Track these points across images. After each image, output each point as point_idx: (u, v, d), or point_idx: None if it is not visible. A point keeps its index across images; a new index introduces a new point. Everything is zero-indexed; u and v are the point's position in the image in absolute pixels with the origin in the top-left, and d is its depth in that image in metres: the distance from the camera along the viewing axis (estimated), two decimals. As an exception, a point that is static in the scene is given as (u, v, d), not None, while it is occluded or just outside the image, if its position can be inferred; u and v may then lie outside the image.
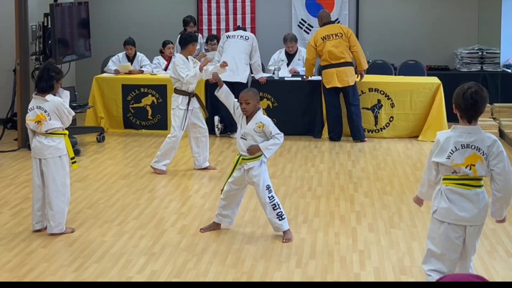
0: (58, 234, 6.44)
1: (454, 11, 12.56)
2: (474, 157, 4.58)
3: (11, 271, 5.70)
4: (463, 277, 2.87)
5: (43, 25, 10.01)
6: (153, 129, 10.86)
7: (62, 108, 6.41)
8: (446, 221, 4.66)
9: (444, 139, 4.63)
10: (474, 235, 4.70)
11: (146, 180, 8.28)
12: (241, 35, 10.52)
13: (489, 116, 10.85)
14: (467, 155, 4.59)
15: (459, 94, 4.62)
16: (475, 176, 4.62)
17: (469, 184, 4.64)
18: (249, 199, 7.52)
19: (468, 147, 4.59)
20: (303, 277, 5.60)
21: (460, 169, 4.60)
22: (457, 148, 4.59)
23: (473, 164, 4.59)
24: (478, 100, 4.58)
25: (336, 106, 10.36)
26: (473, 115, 4.62)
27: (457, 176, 4.63)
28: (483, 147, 4.59)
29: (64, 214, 6.49)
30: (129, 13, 13.06)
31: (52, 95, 6.44)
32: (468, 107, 4.59)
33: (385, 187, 8.03)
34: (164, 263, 5.84)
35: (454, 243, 4.69)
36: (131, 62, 11.28)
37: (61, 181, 6.44)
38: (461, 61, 11.98)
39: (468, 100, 4.58)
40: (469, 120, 4.63)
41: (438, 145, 4.64)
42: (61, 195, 6.44)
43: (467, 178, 4.63)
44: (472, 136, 4.61)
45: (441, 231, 4.69)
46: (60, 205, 6.44)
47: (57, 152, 6.41)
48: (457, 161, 4.59)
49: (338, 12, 12.59)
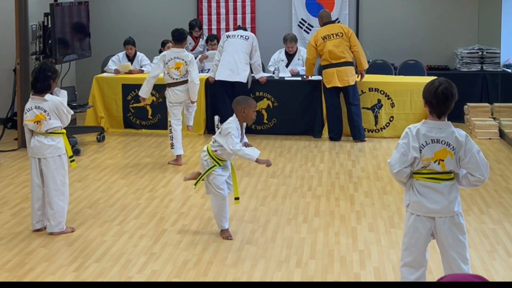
0: (58, 233, 6.45)
1: (454, 11, 12.56)
2: (444, 152, 4.62)
3: (11, 270, 5.71)
4: (463, 277, 2.87)
5: (43, 25, 10.01)
6: (153, 128, 10.86)
7: (62, 107, 6.42)
8: (417, 213, 4.72)
9: (415, 133, 4.67)
10: (446, 227, 4.69)
11: (146, 180, 8.28)
12: (241, 34, 10.52)
13: (489, 116, 10.86)
14: (437, 149, 4.63)
15: (431, 91, 4.65)
16: (443, 170, 4.66)
17: (439, 178, 4.68)
18: (249, 199, 7.52)
19: (438, 142, 4.63)
20: (303, 277, 5.60)
21: (429, 164, 4.64)
22: (427, 143, 4.64)
23: (442, 159, 4.63)
24: (449, 96, 4.63)
25: (336, 106, 10.36)
26: (444, 111, 4.67)
27: (427, 170, 4.67)
28: (453, 142, 4.62)
29: (64, 213, 6.50)
30: (129, 13, 13.06)
31: (50, 95, 6.44)
32: (439, 103, 4.63)
33: (385, 186, 8.03)
34: (164, 263, 5.84)
35: (422, 235, 4.72)
36: (131, 61, 11.28)
37: (60, 180, 6.46)
38: (461, 61, 11.98)
39: (439, 96, 4.62)
40: (439, 116, 4.68)
41: (412, 138, 4.66)
42: (60, 194, 6.46)
43: (435, 172, 4.67)
44: (442, 131, 4.65)
45: (410, 223, 4.76)
46: (60, 204, 6.45)
47: (57, 151, 6.43)
48: (427, 155, 4.63)
49: (338, 11, 12.59)
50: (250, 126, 10.76)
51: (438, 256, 4.90)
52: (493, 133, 10.48)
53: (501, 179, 8.30)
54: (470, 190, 7.85)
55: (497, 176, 8.40)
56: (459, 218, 4.73)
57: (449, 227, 4.70)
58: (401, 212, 7.12)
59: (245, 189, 7.89)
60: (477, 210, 7.18)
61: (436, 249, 4.96)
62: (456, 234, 4.71)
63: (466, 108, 11.10)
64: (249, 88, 10.58)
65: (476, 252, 6.06)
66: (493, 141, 10.27)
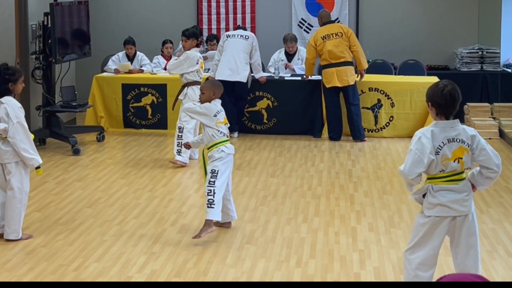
0: (13, 240, 6.24)
1: (454, 10, 12.56)
2: (461, 150, 4.66)
3: (11, 270, 5.70)
4: (463, 277, 2.87)
5: (43, 24, 10.00)
6: (153, 128, 10.85)
7: (14, 114, 6.12)
8: (440, 215, 4.71)
9: (430, 135, 4.65)
10: (463, 226, 4.74)
11: (146, 180, 8.28)
12: (241, 34, 10.52)
13: (489, 116, 10.86)
14: (454, 148, 4.65)
15: (437, 93, 4.67)
16: (461, 170, 4.69)
17: (455, 179, 4.72)
18: (249, 199, 7.52)
19: (454, 140, 4.66)
20: (303, 277, 5.60)
21: (448, 165, 4.65)
22: (444, 143, 4.65)
23: (461, 157, 4.66)
24: (456, 97, 4.68)
25: (336, 106, 10.35)
26: (452, 111, 4.70)
27: (444, 174, 4.69)
28: (466, 139, 4.67)
29: (20, 221, 6.27)
30: (129, 12, 13.05)
31: (10, 98, 6.21)
32: (448, 104, 4.66)
33: (385, 186, 8.03)
34: (164, 263, 5.84)
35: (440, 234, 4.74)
36: (131, 61, 11.28)
37: (18, 187, 6.21)
38: (461, 60, 11.98)
39: (447, 97, 4.65)
40: (447, 117, 4.70)
41: (428, 141, 4.63)
42: (17, 202, 6.23)
43: (452, 174, 4.69)
44: (455, 130, 4.69)
45: (429, 225, 4.73)
46: (16, 211, 6.23)
47: (14, 158, 6.19)
48: (446, 155, 4.64)
49: (338, 11, 12.59)
50: (250, 126, 10.77)
51: (439, 256, 4.90)
52: (493, 133, 10.47)
53: (501, 179, 8.29)
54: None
55: (497, 176, 8.39)
56: (474, 216, 4.81)
57: (467, 224, 4.76)
58: (401, 212, 7.12)
59: (245, 188, 7.89)
60: (477, 210, 7.14)
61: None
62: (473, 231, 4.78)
63: (466, 108, 11.10)
64: (249, 88, 10.59)
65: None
66: (493, 141, 10.26)
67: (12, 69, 6.36)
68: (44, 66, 9.99)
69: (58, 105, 10.04)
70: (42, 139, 10.01)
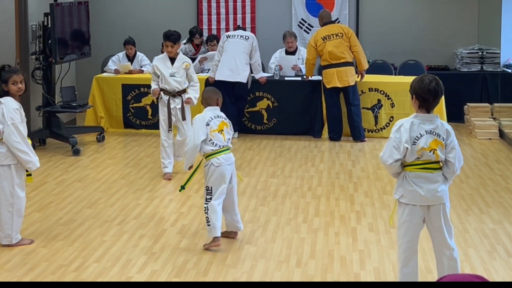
0: (8, 245, 6.18)
1: (454, 11, 12.56)
2: (435, 142, 4.87)
3: (11, 270, 5.71)
4: (463, 277, 2.87)
5: (43, 25, 10.01)
6: (153, 128, 10.83)
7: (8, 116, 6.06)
8: (412, 203, 4.91)
9: (409, 126, 4.88)
10: (438, 215, 4.91)
11: (146, 180, 8.28)
12: (241, 34, 10.51)
13: (489, 116, 10.86)
14: (431, 140, 4.87)
15: (423, 87, 4.88)
16: (436, 159, 4.89)
17: (431, 168, 4.90)
18: (249, 199, 7.52)
19: (431, 133, 4.88)
20: (303, 277, 5.60)
21: (424, 154, 4.86)
22: (422, 134, 4.87)
23: (435, 149, 4.87)
24: (439, 92, 4.91)
25: (336, 106, 10.35)
26: (434, 105, 4.95)
27: (420, 161, 4.89)
28: (442, 133, 4.89)
29: (13, 226, 6.15)
30: (129, 13, 13.06)
31: (10, 99, 6.13)
32: (432, 98, 4.89)
33: (385, 186, 8.03)
34: (164, 263, 5.84)
35: (416, 224, 4.93)
36: (131, 61, 11.28)
37: (10, 190, 6.11)
38: (461, 61, 11.98)
39: (432, 91, 4.88)
40: (429, 110, 4.93)
41: (405, 131, 4.85)
42: (9, 206, 6.13)
43: (429, 162, 4.89)
44: (433, 123, 4.91)
45: (405, 214, 4.94)
46: (7, 215, 6.13)
47: (5, 160, 6.09)
48: (422, 145, 4.85)
49: (338, 11, 12.59)
50: (250, 126, 10.77)
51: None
52: (493, 133, 10.47)
53: (501, 179, 8.30)
54: (471, 190, 7.86)
55: (497, 176, 8.40)
56: (445, 207, 4.96)
57: (441, 214, 4.92)
58: (401, 212, 7.12)
59: (245, 189, 7.89)
60: (477, 210, 7.18)
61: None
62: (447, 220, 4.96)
63: (466, 108, 11.10)
64: (249, 88, 10.59)
65: (476, 252, 6.07)
66: (493, 141, 10.27)
67: (6, 69, 6.22)
68: (44, 67, 10.00)
69: (58, 106, 10.04)
70: (42, 139, 10.01)
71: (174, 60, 8.38)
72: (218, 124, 6.19)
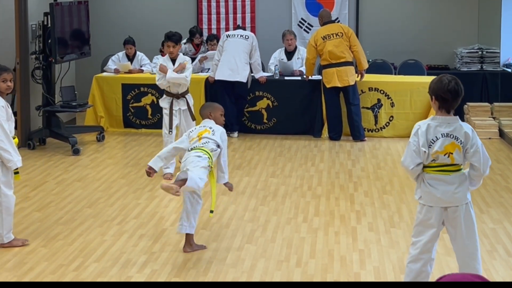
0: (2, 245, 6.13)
1: (454, 10, 12.56)
2: (453, 145, 4.80)
3: (11, 270, 5.70)
4: (463, 277, 2.86)
5: (43, 24, 10.00)
6: (153, 128, 10.84)
7: None
8: (429, 204, 4.87)
9: (425, 129, 4.82)
10: (457, 216, 4.84)
11: (146, 180, 8.27)
12: (241, 34, 10.51)
13: (489, 115, 10.85)
14: (447, 143, 4.80)
15: (442, 87, 4.79)
16: (452, 163, 4.83)
17: (448, 170, 4.84)
18: (249, 199, 7.52)
19: (448, 136, 4.80)
20: (303, 277, 5.60)
21: (438, 157, 4.81)
22: (438, 137, 4.80)
23: (451, 152, 4.80)
24: (459, 92, 4.81)
25: (336, 106, 10.35)
26: (454, 106, 4.86)
27: (436, 163, 4.84)
28: (461, 136, 4.80)
29: (3, 224, 6.09)
30: (129, 12, 13.05)
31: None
32: (452, 99, 4.80)
33: (385, 186, 8.03)
34: (164, 263, 5.84)
35: (433, 225, 4.86)
36: (131, 61, 11.28)
37: None
38: (461, 60, 11.98)
39: (452, 92, 4.78)
40: (449, 111, 4.85)
41: (422, 135, 4.81)
42: None
43: (444, 165, 4.83)
44: (451, 125, 4.83)
45: (423, 214, 4.90)
46: None
47: None
48: (437, 149, 4.79)
49: (338, 11, 12.59)
50: (250, 126, 10.77)
51: (438, 255, 4.90)
52: (493, 133, 10.47)
53: (501, 179, 8.30)
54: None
55: (497, 176, 8.40)
56: (469, 208, 4.87)
57: (460, 216, 4.84)
58: (401, 211, 7.12)
59: (245, 188, 7.89)
60: (477, 210, 7.17)
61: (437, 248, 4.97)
62: (467, 223, 4.85)
63: (466, 107, 11.10)
64: (249, 88, 10.58)
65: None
66: (493, 141, 10.27)
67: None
68: (44, 66, 9.99)
69: (58, 105, 10.04)
70: (42, 139, 10.00)
71: (174, 61, 8.41)
72: (199, 132, 6.16)
